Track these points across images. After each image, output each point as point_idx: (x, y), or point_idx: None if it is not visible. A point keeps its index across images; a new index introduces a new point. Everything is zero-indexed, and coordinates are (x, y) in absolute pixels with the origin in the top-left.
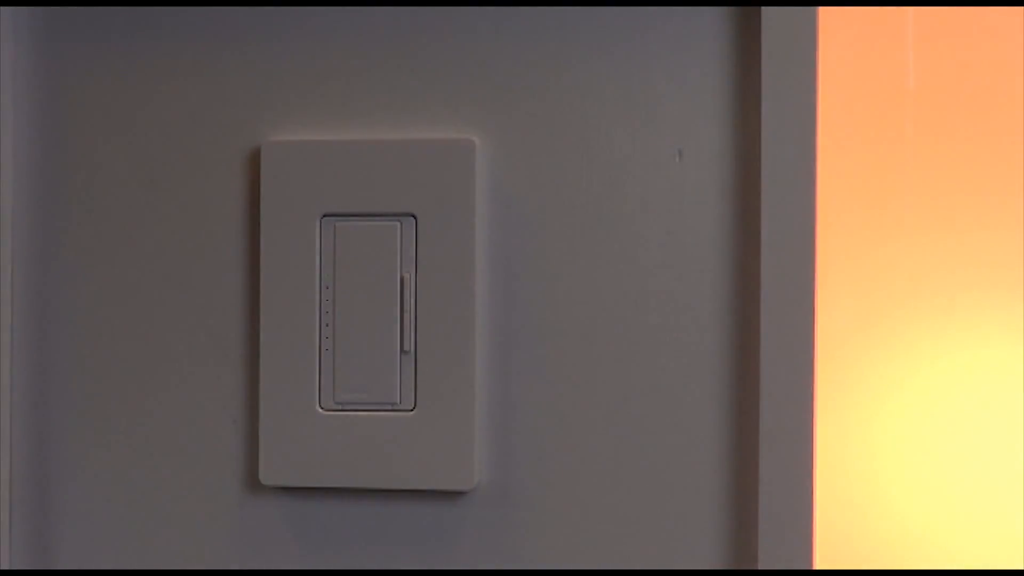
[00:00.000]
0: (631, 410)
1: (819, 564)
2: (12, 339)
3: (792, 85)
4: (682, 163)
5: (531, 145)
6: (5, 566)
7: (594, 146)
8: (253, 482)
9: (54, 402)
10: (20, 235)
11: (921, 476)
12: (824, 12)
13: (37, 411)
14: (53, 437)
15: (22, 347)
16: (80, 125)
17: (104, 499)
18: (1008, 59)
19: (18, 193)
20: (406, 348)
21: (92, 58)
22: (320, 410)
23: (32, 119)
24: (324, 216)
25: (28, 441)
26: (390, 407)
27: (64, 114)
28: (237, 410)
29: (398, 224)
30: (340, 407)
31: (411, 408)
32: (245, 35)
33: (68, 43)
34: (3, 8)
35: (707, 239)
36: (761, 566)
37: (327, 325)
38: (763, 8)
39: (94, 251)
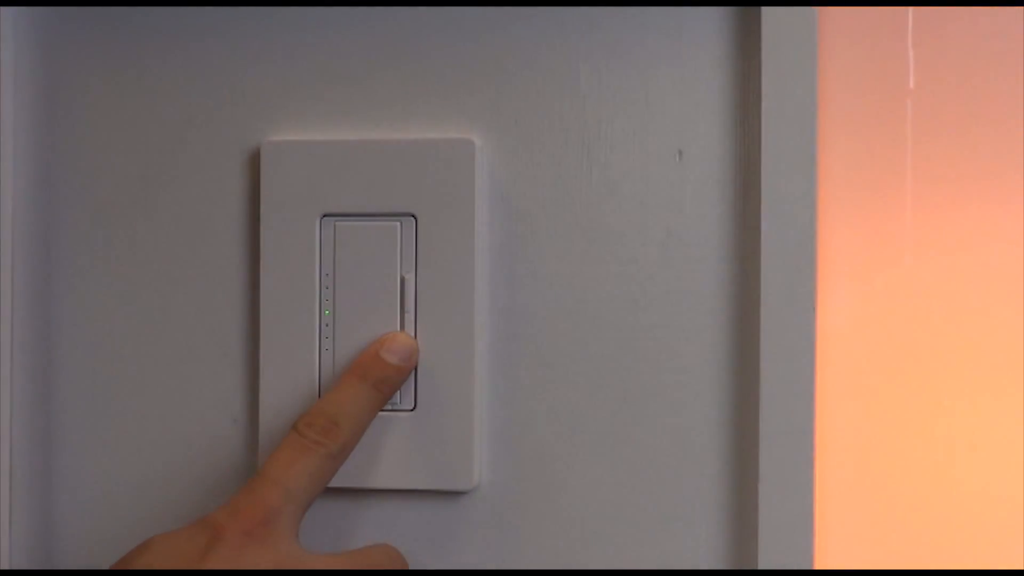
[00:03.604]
0: (631, 410)
1: (819, 564)
2: (12, 339)
3: (792, 85)
4: (682, 163)
5: (531, 145)
6: (5, 566)
7: (594, 146)
8: None
9: (55, 402)
10: (20, 235)
11: (922, 476)
12: (824, 12)
13: (37, 411)
14: (53, 437)
15: (22, 347)
16: (80, 125)
17: (104, 498)
18: (1008, 59)
19: (18, 193)
20: None
21: (92, 58)
22: None
23: (32, 119)
24: (324, 216)
25: (28, 440)
26: (390, 407)
27: (64, 114)
28: (237, 410)
29: (398, 224)
30: None
31: (411, 408)
32: (245, 35)
33: (68, 43)
34: (3, 8)
35: (707, 239)
36: (761, 566)
37: (327, 325)
38: (763, 8)
39: (94, 251)
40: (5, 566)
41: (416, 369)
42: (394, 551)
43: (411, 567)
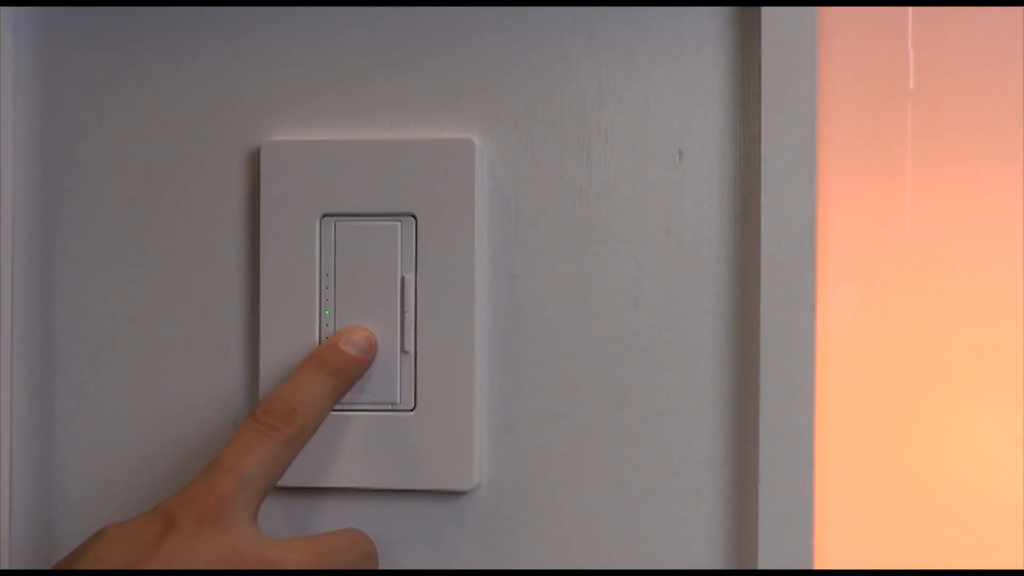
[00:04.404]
0: (631, 410)
1: (819, 564)
2: (13, 338)
3: (792, 85)
4: (682, 163)
5: (531, 145)
6: (5, 566)
7: (594, 146)
8: None
9: (55, 402)
10: (20, 235)
11: (922, 476)
12: (824, 12)
13: (37, 409)
14: (54, 437)
15: (23, 346)
16: (80, 125)
17: (104, 498)
18: (1008, 59)
19: (18, 193)
20: (406, 348)
21: (92, 58)
22: None
23: (32, 119)
24: (324, 216)
25: (29, 440)
26: (390, 407)
27: (64, 114)
28: (237, 410)
29: (398, 224)
30: (340, 407)
31: (411, 408)
32: (245, 35)
33: (68, 43)
34: (3, 8)
35: (707, 239)
36: (761, 566)
37: (327, 325)
38: (763, 8)
39: (94, 251)
40: (5, 566)
41: (416, 369)
42: (360, 535)
43: (411, 567)
